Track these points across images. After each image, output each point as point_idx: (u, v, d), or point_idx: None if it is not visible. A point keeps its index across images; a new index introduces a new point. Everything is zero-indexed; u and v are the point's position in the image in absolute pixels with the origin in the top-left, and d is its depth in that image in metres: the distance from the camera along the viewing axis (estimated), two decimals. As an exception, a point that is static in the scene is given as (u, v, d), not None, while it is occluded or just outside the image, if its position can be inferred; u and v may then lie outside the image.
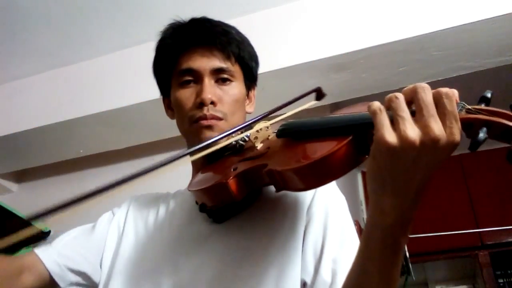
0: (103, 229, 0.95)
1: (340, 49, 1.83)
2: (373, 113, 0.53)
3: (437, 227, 2.73)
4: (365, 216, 3.12)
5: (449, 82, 2.05)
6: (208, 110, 0.85)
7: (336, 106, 2.30)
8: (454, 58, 1.86)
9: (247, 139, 0.84)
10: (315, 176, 0.63)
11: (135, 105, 2.07)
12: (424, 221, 2.80)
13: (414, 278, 2.77)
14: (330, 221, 0.79)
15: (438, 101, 0.51)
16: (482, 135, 0.49)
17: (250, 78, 0.96)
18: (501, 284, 2.73)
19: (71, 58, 2.26)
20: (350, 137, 0.60)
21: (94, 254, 0.90)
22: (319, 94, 0.87)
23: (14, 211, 2.24)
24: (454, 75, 1.96)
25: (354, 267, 0.63)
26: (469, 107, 0.53)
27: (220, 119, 0.86)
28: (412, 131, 0.50)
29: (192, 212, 0.87)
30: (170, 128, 0.96)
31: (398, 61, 1.88)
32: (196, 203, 0.83)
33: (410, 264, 2.67)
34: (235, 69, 0.91)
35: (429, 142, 0.50)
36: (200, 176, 0.86)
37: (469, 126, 0.52)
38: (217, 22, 0.94)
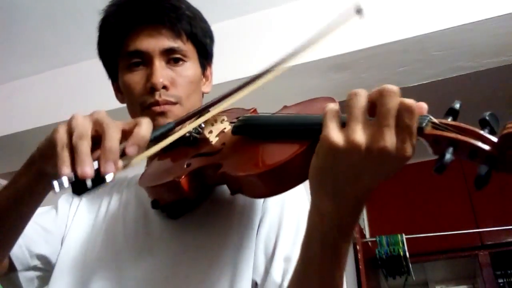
0: (64, 209, 0.88)
1: (340, 49, 1.83)
2: (325, 112, 0.50)
3: (437, 227, 2.73)
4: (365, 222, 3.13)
5: (449, 82, 2.07)
6: (161, 96, 0.78)
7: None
8: (454, 58, 1.86)
9: (201, 130, 0.78)
10: (272, 184, 0.59)
11: (135, 105, 2.07)
12: (424, 221, 2.80)
13: (414, 278, 2.77)
14: (285, 217, 0.74)
15: (400, 112, 0.47)
16: (448, 156, 0.45)
17: (205, 56, 0.89)
18: (501, 284, 2.73)
19: (71, 58, 2.26)
20: (309, 142, 0.55)
21: (56, 236, 0.84)
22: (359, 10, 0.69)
23: (14, 211, 2.24)
24: (454, 75, 1.96)
25: (296, 269, 0.60)
26: (436, 121, 0.48)
27: (174, 103, 0.80)
28: (360, 135, 0.46)
29: (146, 205, 0.80)
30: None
31: (398, 61, 1.88)
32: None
33: (410, 264, 2.67)
34: (188, 48, 0.83)
35: (376, 152, 0.46)
36: (152, 167, 0.81)
37: (435, 143, 0.48)
38: None
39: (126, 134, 0.53)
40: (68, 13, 2.01)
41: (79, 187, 0.48)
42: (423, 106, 0.49)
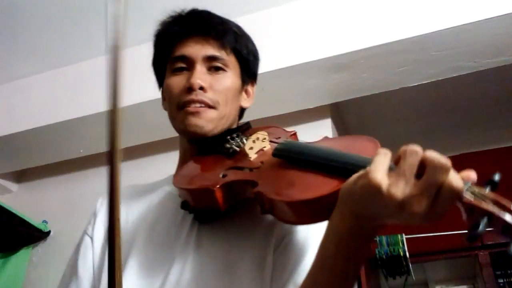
0: (88, 240, 0.90)
1: (340, 49, 1.83)
2: (378, 153, 0.54)
3: (437, 227, 2.73)
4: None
5: (449, 82, 2.06)
6: (197, 95, 0.82)
7: (336, 106, 2.30)
8: (454, 58, 1.86)
9: (241, 145, 0.81)
10: (304, 214, 0.61)
11: (135, 105, 2.07)
12: (424, 221, 2.80)
13: (414, 278, 2.77)
14: (307, 248, 0.74)
15: (444, 190, 0.50)
16: (481, 228, 0.47)
17: (248, 73, 0.93)
18: (501, 284, 2.73)
19: (71, 58, 2.26)
20: (344, 181, 0.58)
21: (89, 268, 0.87)
22: None
23: (14, 211, 2.24)
24: (454, 75, 1.96)
25: (306, 279, 0.63)
26: (476, 189, 0.50)
27: (209, 106, 0.83)
28: (402, 192, 0.50)
29: (176, 209, 0.82)
30: (170, 128, 0.95)
31: (398, 61, 1.88)
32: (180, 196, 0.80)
33: (410, 264, 2.67)
34: (230, 59, 0.88)
35: (408, 212, 0.50)
36: (187, 169, 0.83)
37: (470, 211, 0.50)
38: (217, 15, 0.92)
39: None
40: (68, 13, 2.01)
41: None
42: (471, 175, 0.52)
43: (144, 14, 2.04)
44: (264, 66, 1.07)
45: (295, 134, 0.85)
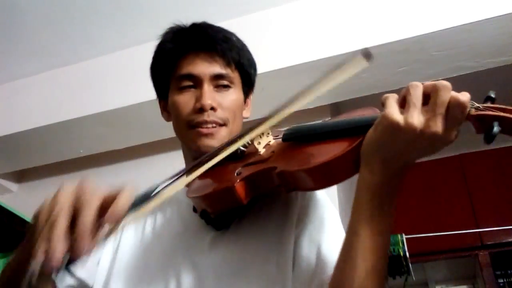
0: None
1: (340, 49, 1.83)
2: (386, 97, 0.60)
3: (437, 227, 2.73)
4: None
5: (449, 82, 2.06)
6: (209, 116, 0.85)
7: (336, 106, 2.30)
8: (454, 58, 1.86)
9: (248, 145, 0.83)
10: (329, 176, 0.65)
11: (135, 105, 2.07)
12: (424, 221, 2.80)
13: (414, 278, 2.77)
14: (322, 236, 0.78)
15: (452, 106, 0.56)
16: (496, 128, 0.53)
17: (248, 84, 0.96)
18: (501, 284, 2.73)
19: (71, 58, 2.26)
20: (361, 138, 0.63)
21: (92, 261, 0.87)
22: (367, 54, 0.68)
23: (14, 211, 2.24)
24: (454, 75, 1.96)
25: (346, 233, 0.66)
26: (478, 105, 0.57)
27: (221, 124, 0.86)
28: (417, 119, 0.56)
29: (190, 220, 0.85)
30: (170, 128, 0.96)
31: (398, 61, 1.88)
32: (194, 210, 0.81)
33: (410, 264, 2.67)
34: (235, 76, 0.91)
35: (428, 135, 0.56)
36: (199, 182, 0.84)
37: (481, 123, 0.56)
38: (218, 28, 0.93)
39: (107, 203, 0.54)
40: (68, 13, 2.01)
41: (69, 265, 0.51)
42: (468, 96, 0.57)
43: (144, 14, 2.04)
44: (264, 66, 1.07)
45: None
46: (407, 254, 2.64)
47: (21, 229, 2.29)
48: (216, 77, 0.88)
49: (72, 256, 0.51)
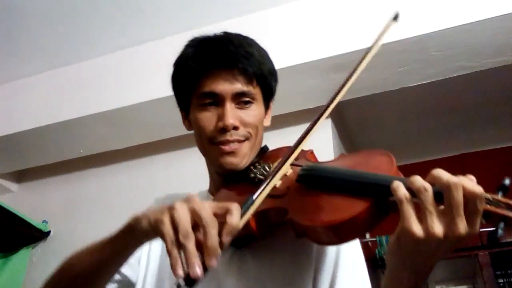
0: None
1: (340, 49, 1.83)
2: (400, 201, 0.58)
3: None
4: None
5: (449, 82, 2.06)
6: (232, 135, 0.86)
7: (336, 106, 2.30)
8: (454, 58, 1.86)
9: (265, 173, 0.84)
10: (337, 235, 0.66)
11: (135, 105, 2.07)
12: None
13: (414, 278, 2.76)
14: (339, 265, 0.81)
15: (469, 201, 0.54)
16: (500, 232, 0.52)
17: (269, 96, 0.97)
18: (501, 284, 2.73)
19: (71, 58, 2.26)
20: (371, 201, 0.63)
21: (134, 259, 0.91)
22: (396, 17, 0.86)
23: (14, 211, 2.24)
24: (454, 75, 1.96)
25: None
26: (489, 196, 0.55)
27: (243, 141, 0.88)
28: (438, 227, 0.55)
29: None
30: (170, 128, 0.96)
31: (398, 61, 1.88)
32: None
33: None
34: (256, 91, 0.91)
35: (452, 238, 0.55)
36: (217, 199, 0.86)
37: (487, 217, 0.55)
38: (239, 42, 0.92)
39: (217, 218, 0.60)
40: (68, 13, 2.01)
41: (190, 281, 0.56)
42: (480, 187, 0.56)
43: (144, 14, 2.04)
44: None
45: (312, 152, 0.90)
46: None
47: (21, 229, 2.29)
48: (238, 95, 0.88)
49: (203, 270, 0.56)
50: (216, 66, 0.89)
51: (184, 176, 2.25)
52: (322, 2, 1.96)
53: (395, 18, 0.88)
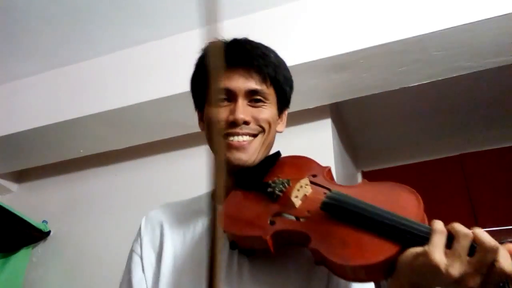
0: (137, 258, 0.93)
1: (340, 49, 1.83)
2: (435, 230, 0.62)
3: (437, 227, 2.73)
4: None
5: (449, 82, 2.06)
6: (242, 129, 0.87)
7: (336, 106, 2.30)
8: (454, 58, 1.86)
9: (284, 190, 0.83)
10: (361, 275, 0.67)
11: (135, 105, 2.07)
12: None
13: (414, 278, 2.76)
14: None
15: (496, 270, 0.59)
16: None
17: (283, 101, 0.98)
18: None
19: (71, 58, 2.26)
20: (400, 247, 0.64)
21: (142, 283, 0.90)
22: None
23: (14, 211, 2.24)
24: (454, 75, 1.96)
25: None
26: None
27: (255, 135, 0.89)
28: (458, 271, 0.59)
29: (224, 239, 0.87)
30: (170, 128, 0.96)
31: (398, 61, 1.88)
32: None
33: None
34: (269, 92, 0.92)
35: (463, 285, 0.59)
36: (232, 208, 0.84)
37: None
38: (256, 44, 0.95)
39: None
40: (67, 13, 2.01)
41: None
42: None
43: (144, 14, 2.04)
44: None
45: (329, 170, 0.89)
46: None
47: (21, 229, 2.29)
48: (251, 93, 0.90)
49: None
50: (232, 63, 0.90)
51: (184, 176, 2.25)
52: (322, 2, 1.96)
53: None
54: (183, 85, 1.08)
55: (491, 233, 0.54)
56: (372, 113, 2.74)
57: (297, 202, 0.79)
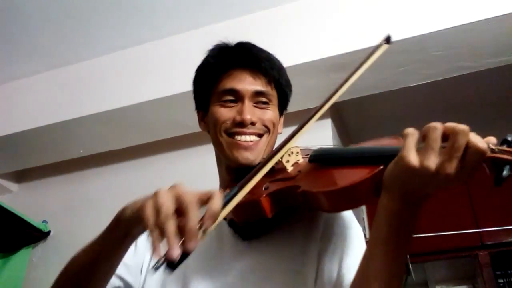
0: (143, 242, 0.95)
1: (340, 49, 1.83)
2: (406, 134, 0.63)
3: (437, 227, 2.73)
4: (366, 223, 3.14)
5: (449, 82, 2.06)
6: (249, 129, 0.89)
7: (336, 106, 2.30)
8: (454, 58, 1.86)
9: (278, 161, 0.86)
10: (347, 199, 0.69)
11: (135, 105, 2.07)
12: (424, 221, 2.80)
13: (414, 278, 2.77)
14: (345, 251, 0.82)
15: (469, 151, 0.58)
16: (506, 172, 0.56)
17: (283, 103, 1.00)
18: (501, 284, 2.73)
19: (71, 58, 2.26)
20: (381, 167, 0.66)
21: (135, 268, 0.92)
22: (388, 40, 0.94)
23: (14, 211, 2.24)
24: (454, 75, 1.96)
25: (364, 253, 0.71)
26: (494, 147, 0.59)
27: (261, 135, 0.91)
28: (433, 161, 0.59)
29: (219, 226, 0.87)
30: (170, 128, 0.96)
31: (398, 61, 1.88)
32: (224, 218, 0.84)
33: (410, 264, 2.67)
34: (273, 94, 0.95)
35: (442, 176, 0.59)
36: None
37: (494, 165, 0.59)
38: (260, 48, 0.97)
39: (201, 203, 0.62)
40: (68, 13, 2.01)
41: (171, 264, 0.57)
42: (493, 139, 0.60)
43: (144, 14, 2.04)
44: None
45: None
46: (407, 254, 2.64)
47: (21, 229, 2.29)
48: (257, 94, 0.91)
49: (182, 253, 0.57)
50: (239, 65, 0.92)
51: (184, 176, 2.24)
52: (322, 2, 1.96)
53: (388, 41, 0.95)
54: (183, 85, 1.08)
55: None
56: (372, 113, 2.74)
57: (288, 166, 0.84)
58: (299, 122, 0.82)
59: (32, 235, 2.35)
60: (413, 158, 0.60)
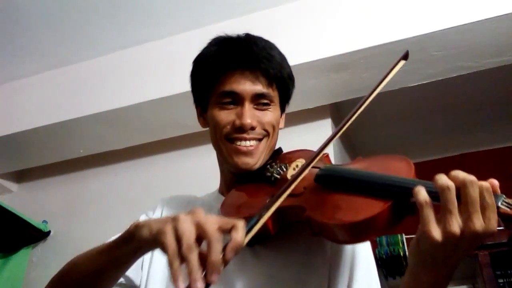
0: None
1: (340, 49, 1.83)
2: (420, 205, 0.59)
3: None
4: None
5: (449, 82, 2.06)
6: (249, 134, 0.87)
7: (336, 106, 2.30)
8: (454, 58, 1.86)
9: (282, 172, 0.84)
10: (355, 234, 0.67)
11: (135, 105, 2.07)
12: (424, 221, 2.80)
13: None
14: (356, 265, 0.81)
15: (481, 194, 0.56)
16: None
17: (286, 99, 0.98)
18: (501, 284, 2.72)
19: (71, 58, 2.26)
20: (391, 202, 0.63)
21: (137, 263, 0.90)
22: (406, 56, 0.90)
23: (14, 211, 2.24)
24: (454, 75, 1.96)
25: None
26: (508, 200, 0.58)
27: (260, 139, 0.89)
28: (457, 226, 0.56)
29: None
30: (170, 128, 0.96)
31: (398, 61, 1.88)
32: None
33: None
34: (275, 94, 0.92)
35: (470, 235, 0.56)
36: (233, 197, 0.86)
37: (507, 220, 0.58)
38: (261, 44, 0.93)
39: (222, 232, 0.59)
40: (67, 13, 2.01)
41: None
42: (496, 183, 0.59)
43: (144, 14, 2.04)
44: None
45: (327, 156, 0.90)
46: (407, 253, 2.64)
47: (21, 229, 2.29)
48: (258, 96, 0.89)
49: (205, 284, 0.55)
50: (239, 66, 0.89)
51: (184, 176, 2.25)
52: (322, 2, 1.96)
53: (405, 57, 0.90)
54: (183, 85, 1.07)
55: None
56: (372, 113, 2.73)
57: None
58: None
59: (32, 235, 2.35)
60: (435, 231, 0.58)
